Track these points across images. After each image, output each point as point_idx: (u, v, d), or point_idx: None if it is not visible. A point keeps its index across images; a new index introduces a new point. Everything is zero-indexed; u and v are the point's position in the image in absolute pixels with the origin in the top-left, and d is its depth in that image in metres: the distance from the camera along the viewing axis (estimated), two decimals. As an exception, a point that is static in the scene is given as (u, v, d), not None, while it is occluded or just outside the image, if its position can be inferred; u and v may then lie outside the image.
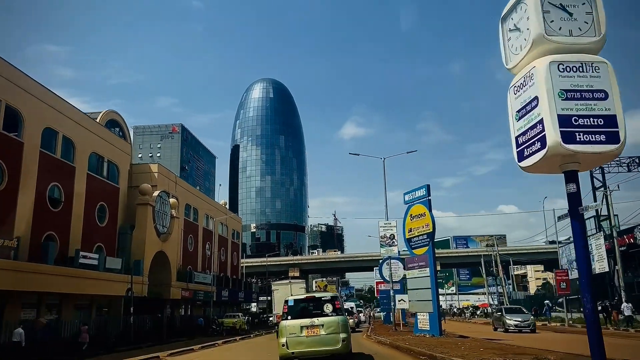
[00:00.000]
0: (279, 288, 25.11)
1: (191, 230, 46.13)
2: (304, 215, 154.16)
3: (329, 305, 11.58)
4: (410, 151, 26.52)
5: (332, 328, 11.08)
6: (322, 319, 11.18)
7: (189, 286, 41.14)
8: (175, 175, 43.36)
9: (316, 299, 11.91)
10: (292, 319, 11.41)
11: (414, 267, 18.21)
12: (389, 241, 24.87)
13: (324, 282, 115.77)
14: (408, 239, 18.76)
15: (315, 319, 11.20)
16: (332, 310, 11.50)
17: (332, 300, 11.78)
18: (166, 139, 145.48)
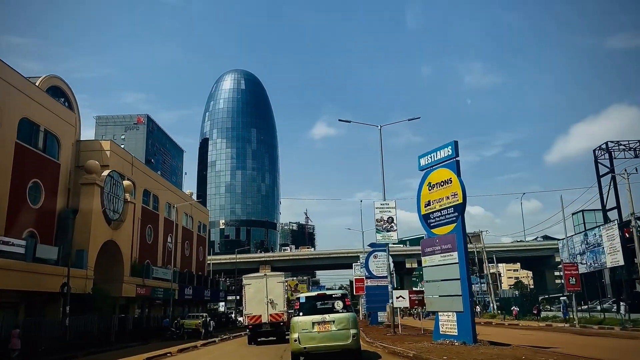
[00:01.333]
0: (251, 283, 20.27)
1: (150, 220, 40.73)
2: (275, 212, 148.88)
3: (340, 302, 11.84)
4: (412, 118, 21.83)
5: (342, 324, 11.37)
6: (333, 315, 11.48)
7: (146, 282, 35.82)
8: (132, 156, 37.94)
9: (327, 296, 12.27)
10: (304, 315, 11.67)
11: (434, 251, 13.70)
12: (387, 225, 20.36)
13: (295, 282, 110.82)
14: (425, 215, 14.25)
15: (326, 315, 11.50)
16: (343, 307, 11.76)
17: (342, 297, 12.05)
18: (131, 130, 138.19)
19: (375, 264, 31.62)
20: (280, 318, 20.15)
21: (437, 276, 13.62)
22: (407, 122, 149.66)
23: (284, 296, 20.50)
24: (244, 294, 20.63)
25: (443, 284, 13.36)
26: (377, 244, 33.02)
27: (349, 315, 11.63)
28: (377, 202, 20.85)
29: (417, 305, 21.23)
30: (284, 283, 20.79)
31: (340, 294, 12.33)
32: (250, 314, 19.97)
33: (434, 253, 13.73)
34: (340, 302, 11.88)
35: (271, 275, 20.78)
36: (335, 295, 12.17)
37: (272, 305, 19.95)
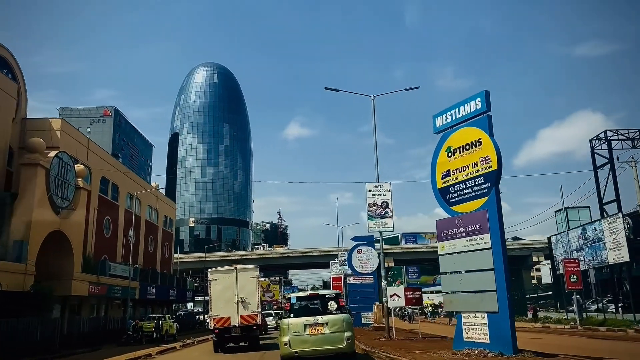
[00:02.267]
0: (218, 278, 16.73)
1: (109, 211, 36.73)
2: (248, 211, 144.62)
3: (333, 303, 11.25)
4: (410, 88, 18.68)
5: (336, 326, 10.79)
6: (327, 317, 10.88)
7: (101, 280, 31.84)
8: (88, 139, 33.91)
9: (320, 296, 11.71)
10: (295, 317, 11.07)
11: (455, 234, 10.62)
12: (381, 211, 17.25)
13: (267, 282, 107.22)
14: (443, 189, 11.17)
15: (319, 317, 10.90)
16: (337, 308, 11.17)
17: (336, 298, 11.49)
18: (97, 123, 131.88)
19: (359, 259, 28.51)
20: (254, 320, 16.72)
21: (460, 266, 10.53)
22: (379, 122, 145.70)
23: (257, 294, 17.05)
24: (209, 291, 17.14)
25: (469, 276, 10.29)
26: (361, 238, 30.06)
27: (344, 317, 11.07)
28: (369, 184, 17.72)
29: (414, 304, 18.20)
30: (258, 278, 17.32)
31: (334, 294, 11.72)
32: (217, 316, 16.45)
33: (456, 237, 10.65)
34: (333, 302, 11.29)
35: (243, 269, 17.26)
36: (328, 296, 11.58)
37: (244, 305, 16.54)
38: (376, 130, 18.08)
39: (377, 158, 17.65)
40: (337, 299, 11.53)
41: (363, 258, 28.67)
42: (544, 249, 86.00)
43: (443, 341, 15.66)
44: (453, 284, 10.72)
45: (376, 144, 17.58)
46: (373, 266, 28.47)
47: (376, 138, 17.68)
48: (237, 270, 16.87)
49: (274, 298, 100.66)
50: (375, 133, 17.72)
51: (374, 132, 17.79)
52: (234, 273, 16.77)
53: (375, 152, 17.61)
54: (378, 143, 17.81)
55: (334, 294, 11.83)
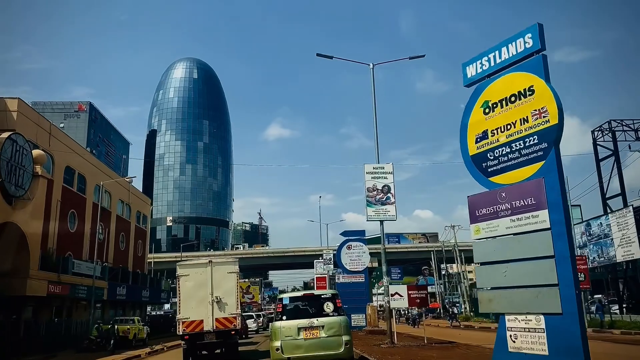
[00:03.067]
0: (189, 273, 14.00)
1: (74, 204, 33.60)
2: (228, 210, 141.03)
3: (330, 304, 10.53)
4: (415, 57, 16.20)
5: (333, 330, 10.09)
6: (323, 320, 10.20)
7: (63, 278, 28.77)
8: (49, 123, 30.75)
9: (315, 296, 10.93)
10: (288, 319, 10.32)
11: (496, 213, 8.15)
12: (382, 196, 14.79)
13: (247, 283, 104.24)
14: (477, 156, 8.66)
15: (314, 319, 10.20)
16: (333, 310, 10.49)
17: (332, 298, 10.70)
18: (71, 118, 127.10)
19: (349, 256, 26.02)
20: (232, 324, 13.91)
21: (504, 254, 8.04)
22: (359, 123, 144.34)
23: (236, 293, 14.33)
24: (177, 289, 14.34)
25: (517, 266, 7.80)
26: (352, 232, 27.59)
27: (341, 320, 10.42)
28: (368, 166, 15.24)
29: (418, 305, 15.74)
30: (238, 274, 14.58)
31: (331, 294, 10.92)
32: (187, 319, 13.60)
33: (497, 216, 8.16)
34: (330, 303, 10.55)
35: (219, 262, 14.43)
36: (324, 296, 10.82)
37: (220, 306, 13.81)
38: (376, 125, 15.60)
39: (377, 134, 15.17)
40: (334, 299, 10.64)
41: (353, 255, 26.24)
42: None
43: (456, 349, 13.30)
44: (493, 277, 8.20)
45: (376, 118, 15.13)
46: (364, 264, 26.06)
47: (376, 113, 15.23)
48: (212, 264, 14.10)
49: (253, 300, 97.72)
50: (375, 106, 15.27)
51: (374, 104, 15.31)
52: (208, 267, 13.99)
53: (375, 128, 15.12)
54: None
55: (331, 294, 10.90)
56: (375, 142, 15.06)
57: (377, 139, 15.02)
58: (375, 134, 15.09)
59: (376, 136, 15.13)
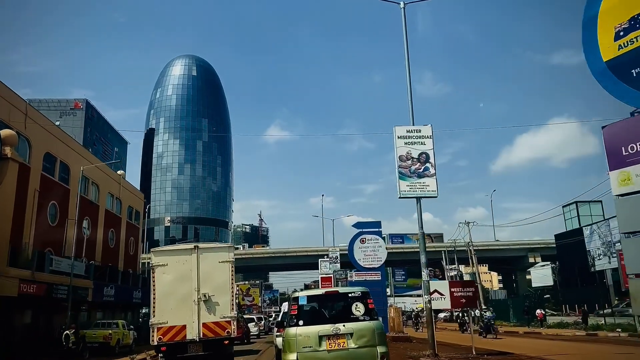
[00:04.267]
0: (168, 263, 10.56)
1: (55, 195, 30.35)
2: (227, 211, 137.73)
3: (359, 304, 8.28)
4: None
5: (365, 339, 7.91)
6: (351, 326, 8.00)
7: (38, 277, 25.44)
8: (27, 104, 27.49)
9: (340, 295, 8.72)
10: (306, 324, 8.09)
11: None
12: (419, 167, 11.56)
13: (247, 285, 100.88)
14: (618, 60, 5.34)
15: (340, 325, 7.99)
16: (364, 313, 8.21)
17: (363, 297, 8.41)
18: (67, 116, 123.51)
19: (363, 251, 22.72)
20: (225, 331, 10.58)
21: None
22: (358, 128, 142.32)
23: (231, 289, 11.00)
24: (152, 284, 10.92)
25: None
26: (365, 224, 24.28)
27: (374, 325, 8.10)
28: (400, 128, 12.00)
29: (463, 305, 12.46)
30: (233, 264, 11.32)
31: (360, 292, 8.52)
32: (164, 324, 10.27)
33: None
34: (360, 304, 8.24)
35: (208, 248, 10.98)
36: (352, 294, 8.43)
37: (209, 307, 10.45)
38: (409, 74, 12.43)
39: (411, 86, 11.90)
40: (364, 299, 8.43)
41: (368, 249, 22.94)
42: (541, 249, 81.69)
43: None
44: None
45: (408, 64, 11.88)
46: (381, 259, 22.75)
47: (408, 58, 11.96)
48: (197, 249, 10.71)
49: (254, 302, 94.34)
50: (407, 49, 11.99)
51: (405, 48, 12.07)
52: (193, 255, 10.64)
53: (408, 75, 11.84)
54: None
55: (360, 292, 8.57)
56: (409, 96, 11.81)
57: (411, 93, 11.80)
58: (409, 85, 11.84)
59: (409, 90, 11.89)
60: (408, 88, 11.85)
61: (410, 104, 11.84)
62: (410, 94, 11.84)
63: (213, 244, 11.72)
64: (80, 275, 30.37)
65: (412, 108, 11.88)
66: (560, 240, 51.40)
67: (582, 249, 35.56)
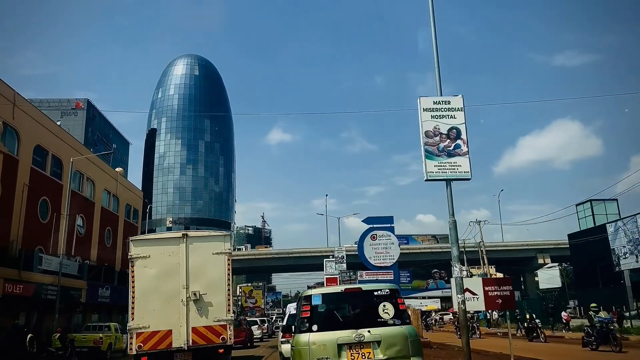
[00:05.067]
0: (150, 254, 8.75)
1: (47, 190, 28.80)
2: (230, 212, 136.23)
3: (388, 305, 6.66)
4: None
5: (396, 348, 6.32)
6: (378, 331, 6.42)
7: (25, 276, 23.82)
8: (14, 92, 25.86)
9: (364, 293, 6.97)
10: (321, 329, 6.50)
11: None
12: (449, 144, 9.89)
13: (250, 287, 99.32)
14: None
15: (364, 330, 6.40)
16: (394, 315, 6.61)
17: (391, 296, 6.79)
18: (67, 116, 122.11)
19: (374, 248, 20.94)
20: (219, 337, 8.75)
21: None
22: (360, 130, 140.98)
23: (228, 286, 9.18)
24: (130, 280, 9.13)
25: None
26: (376, 219, 22.52)
27: (407, 331, 6.49)
28: (425, 100, 10.24)
29: (499, 307, 10.74)
30: (229, 256, 9.50)
31: (389, 290, 6.84)
32: (144, 329, 8.51)
33: None
34: (388, 304, 6.59)
35: (199, 237, 9.22)
36: (379, 292, 6.77)
37: (200, 308, 8.62)
38: (435, 37, 10.77)
39: (437, 49, 10.16)
40: (393, 298, 6.80)
41: (379, 246, 21.17)
42: (550, 250, 79.73)
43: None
44: None
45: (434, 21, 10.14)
46: (394, 257, 21.01)
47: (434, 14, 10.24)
48: (187, 239, 8.99)
49: (256, 304, 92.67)
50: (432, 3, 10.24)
51: (431, 10, 10.34)
52: (182, 245, 8.87)
53: (434, 36, 10.10)
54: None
55: (388, 289, 6.96)
56: (435, 60, 10.10)
57: (438, 57, 10.08)
58: (435, 48, 10.12)
59: (436, 53, 10.17)
60: (434, 51, 10.18)
61: (436, 70, 10.17)
62: (436, 57, 10.15)
63: (205, 232, 9.89)
64: (73, 275, 28.78)
65: (439, 75, 10.20)
66: (574, 239, 49.57)
67: (602, 248, 33.82)
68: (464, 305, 9.39)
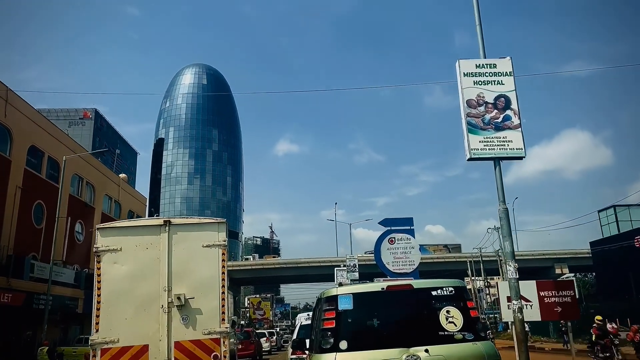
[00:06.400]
0: (122, 247, 6.88)
1: (42, 194, 27.18)
2: (238, 221, 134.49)
3: (454, 310, 4.73)
4: None
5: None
6: (440, 350, 4.49)
7: (15, 284, 22.15)
8: (6, 88, 24.33)
9: (416, 292, 4.96)
10: (352, 348, 4.56)
11: None
12: (496, 114, 8.02)
13: (258, 298, 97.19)
14: None
15: (419, 349, 4.47)
16: (464, 327, 4.65)
17: (457, 297, 4.85)
18: (75, 126, 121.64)
19: (392, 253, 18.92)
20: (210, 354, 6.56)
21: None
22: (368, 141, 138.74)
23: (220, 287, 7.01)
24: (96, 280, 7.13)
25: None
26: (394, 221, 20.60)
27: (484, 350, 4.51)
28: (465, 63, 8.52)
29: (561, 318, 8.77)
30: (223, 248, 7.16)
31: (452, 288, 4.87)
32: (113, 344, 6.40)
33: None
34: (454, 309, 4.66)
35: (185, 225, 7.20)
36: (439, 292, 4.78)
37: (186, 316, 6.57)
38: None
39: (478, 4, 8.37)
40: (460, 299, 4.77)
41: (398, 251, 19.17)
42: (568, 260, 77.10)
43: None
44: None
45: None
46: (414, 263, 19.00)
47: None
48: (170, 226, 7.03)
49: (265, 316, 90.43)
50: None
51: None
52: (163, 235, 6.84)
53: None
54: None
55: (452, 286, 4.89)
56: (477, 19, 8.32)
57: (480, 15, 8.31)
58: (476, 5, 8.35)
59: (477, 11, 8.39)
60: (475, 5, 8.39)
61: (478, 28, 8.37)
62: (477, 13, 8.36)
63: (194, 218, 7.85)
64: (69, 284, 27.10)
65: (481, 34, 8.41)
66: (596, 247, 47.28)
67: (634, 255, 31.68)
68: (520, 314, 7.45)
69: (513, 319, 7.75)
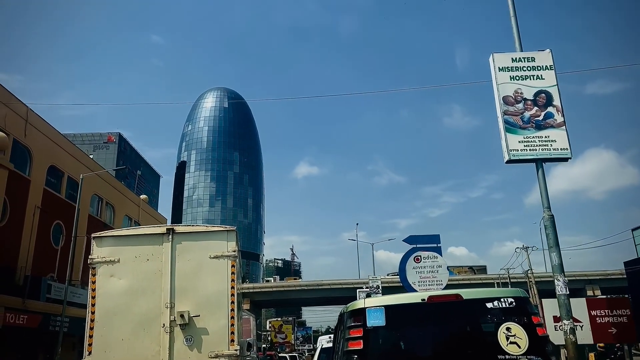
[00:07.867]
0: (119, 259, 6.05)
1: (61, 214, 26.98)
2: (259, 244, 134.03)
3: (515, 328, 3.77)
4: None
5: None
6: None
7: (30, 305, 21.72)
8: (27, 108, 24.36)
9: (466, 304, 4.02)
10: None
11: None
12: (537, 112, 7.21)
13: (279, 321, 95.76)
14: None
15: None
16: (529, 349, 3.66)
17: (519, 310, 3.91)
18: (100, 150, 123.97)
19: (418, 272, 17.93)
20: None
21: None
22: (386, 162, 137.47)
23: (230, 304, 6.10)
24: (91, 295, 6.48)
25: None
26: (419, 238, 19.66)
27: None
28: (500, 57, 7.77)
29: (616, 340, 7.76)
30: (233, 259, 6.56)
31: (513, 299, 3.92)
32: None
33: None
34: (516, 327, 3.70)
35: (189, 234, 6.41)
36: (495, 304, 3.82)
37: (190, 336, 5.96)
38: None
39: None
40: (523, 313, 3.80)
41: (424, 270, 18.14)
42: (600, 281, 74.14)
43: None
44: None
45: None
46: (441, 283, 17.92)
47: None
48: (174, 235, 6.26)
49: (286, 340, 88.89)
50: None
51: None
52: (166, 245, 6.04)
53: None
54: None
55: (513, 298, 3.92)
56: (512, 11, 7.59)
57: (514, 7, 7.59)
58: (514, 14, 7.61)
59: (512, 3, 7.67)
60: (513, 20, 7.63)
61: (513, 20, 7.62)
62: (512, 5, 7.64)
63: (200, 225, 7.11)
64: (86, 305, 26.55)
65: (517, 26, 7.67)
66: (631, 266, 45.11)
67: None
68: (573, 335, 6.50)
69: (565, 342, 6.78)
